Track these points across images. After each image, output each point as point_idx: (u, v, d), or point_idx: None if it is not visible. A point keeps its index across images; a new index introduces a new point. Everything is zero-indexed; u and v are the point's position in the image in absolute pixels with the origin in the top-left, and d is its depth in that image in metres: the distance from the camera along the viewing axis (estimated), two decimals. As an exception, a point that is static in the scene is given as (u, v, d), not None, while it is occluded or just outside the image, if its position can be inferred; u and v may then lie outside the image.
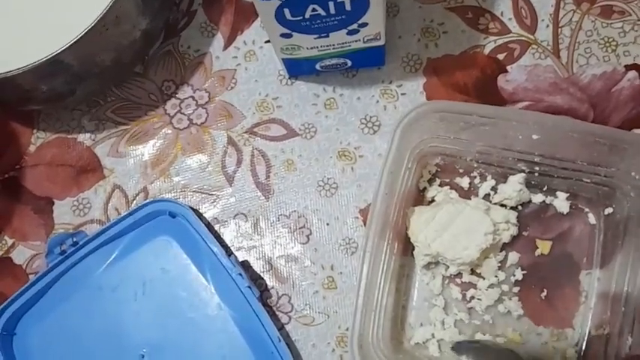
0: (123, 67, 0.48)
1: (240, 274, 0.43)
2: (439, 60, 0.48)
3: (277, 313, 0.46)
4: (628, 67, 0.47)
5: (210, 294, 0.45)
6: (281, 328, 0.45)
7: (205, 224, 0.45)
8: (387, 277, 0.42)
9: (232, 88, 0.50)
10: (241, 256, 0.47)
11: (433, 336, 0.43)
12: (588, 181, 0.43)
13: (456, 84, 0.48)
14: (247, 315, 0.43)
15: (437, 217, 0.43)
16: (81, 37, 0.41)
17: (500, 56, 0.48)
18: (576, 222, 0.45)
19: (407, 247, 0.45)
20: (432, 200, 0.46)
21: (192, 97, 0.50)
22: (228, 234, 0.48)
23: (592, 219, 0.44)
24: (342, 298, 0.45)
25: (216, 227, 0.48)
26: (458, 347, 0.43)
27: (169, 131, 0.50)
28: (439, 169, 0.46)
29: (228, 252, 0.45)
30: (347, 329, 0.45)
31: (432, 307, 0.44)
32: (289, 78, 0.50)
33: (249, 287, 0.43)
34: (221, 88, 0.50)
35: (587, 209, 0.45)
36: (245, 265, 0.46)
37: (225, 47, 0.51)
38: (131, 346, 0.45)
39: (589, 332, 0.43)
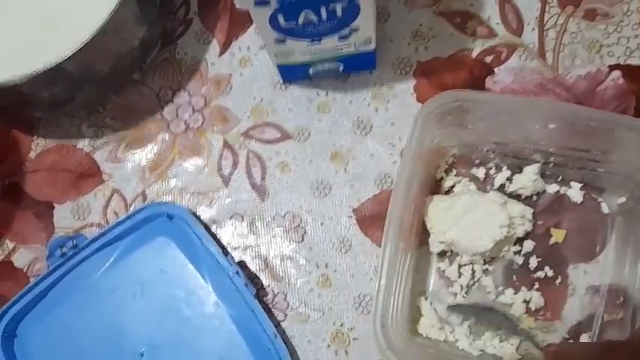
0: (121, 74, 0.50)
1: (237, 273, 0.44)
2: (428, 63, 0.50)
3: (273, 310, 0.47)
4: (612, 67, 0.48)
5: (207, 293, 0.46)
6: (277, 325, 0.46)
7: (202, 225, 0.46)
8: (405, 262, 0.42)
9: (228, 93, 0.51)
10: (238, 255, 0.48)
11: (449, 322, 0.44)
12: (602, 170, 0.44)
13: (445, 86, 0.49)
14: (244, 313, 0.44)
15: (454, 207, 0.44)
16: (82, 46, 0.42)
17: (488, 59, 0.49)
18: (590, 211, 0.45)
19: (424, 235, 0.45)
20: (449, 190, 0.47)
21: (189, 103, 0.52)
22: (224, 234, 0.49)
23: (605, 208, 0.45)
24: (337, 295, 0.46)
25: (213, 228, 0.49)
26: (452, 309, 0.45)
27: (167, 136, 0.51)
28: (455, 160, 0.47)
29: (225, 252, 0.46)
30: (341, 325, 0.46)
31: (448, 294, 0.45)
32: (283, 82, 0.51)
33: (246, 285, 0.44)
34: (217, 93, 0.52)
35: (600, 199, 0.46)
36: (241, 265, 0.47)
37: (221, 53, 0.52)
38: (131, 345, 0.46)
39: (602, 319, 0.43)
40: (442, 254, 0.46)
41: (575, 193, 0.46)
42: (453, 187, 0.47)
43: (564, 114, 0.41)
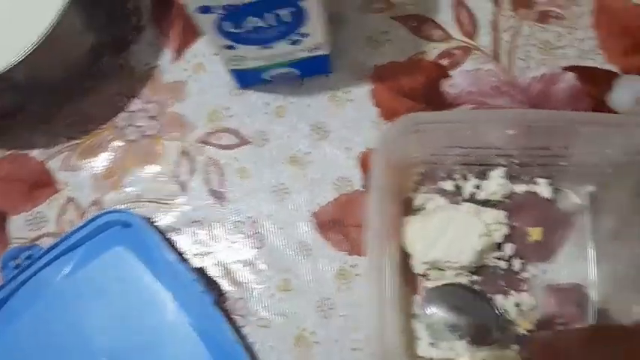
0: (72, 82, 0.49)
1: (195, 280, 0.44)
2: (385, 67, 0.50)
3: (234, 316, 0.46)
4: (565, 69, 0.49)
5: (167, 301, 0.45)
6: (238, 330, 0.46)
7: (160, 233, 0.46)
8: (392, 288, 0.41)
9: (183, 99, 0.51)
10: (198, 262, 0.48)
11: (445, 338, 0.44)
12: (566, 164, 0.44)
13: (402, 89, 0.49)
14: (205, 320, 0.44)
15: (430, 226, 0.44)
16: (27, 55, 0.41)
17: (444, 62, 0.50)
18: (561, 204, 0.46)
19: (404, 258, 0.45)
20: (419, 209, 0.47)
21: (144, 110, 0.51)
22: (184, 241, 0.48)
23: (576, 199, 0.46)
24: (298, 300, 0.46)
25: (172, 235, 0.48)
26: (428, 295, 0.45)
27: (121, 143, 0.51)
28: (422, 177, 0.47)
29: (184, 259, 0.46)
30: (304, 329, 0.46)
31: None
32: (239, 88, 0.51)
33: (204, 292, 0.43)
34: (172, 100, 0.51)
35: (569, 191, 0.46)
36: (201, 271, 0.47)
37: (175, 60, 0.52)
38: (92, 354, 0.45)
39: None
40: (426, 273, 0.45)
41: (543, 189, 0.46)
42: (423, 204, 0.47)
43: (523, 120, 0.42)
